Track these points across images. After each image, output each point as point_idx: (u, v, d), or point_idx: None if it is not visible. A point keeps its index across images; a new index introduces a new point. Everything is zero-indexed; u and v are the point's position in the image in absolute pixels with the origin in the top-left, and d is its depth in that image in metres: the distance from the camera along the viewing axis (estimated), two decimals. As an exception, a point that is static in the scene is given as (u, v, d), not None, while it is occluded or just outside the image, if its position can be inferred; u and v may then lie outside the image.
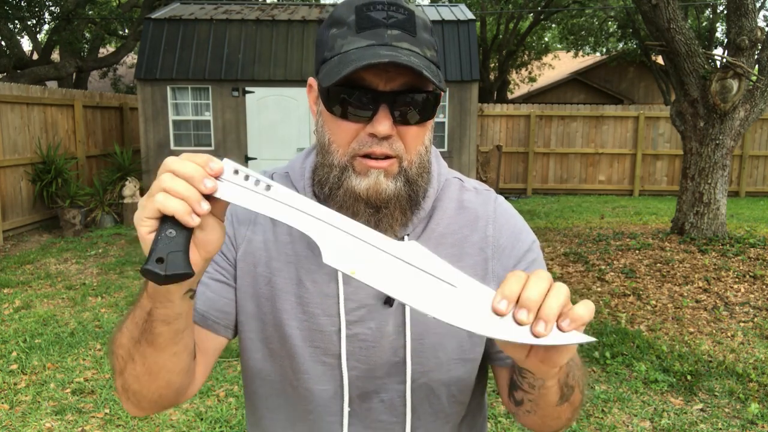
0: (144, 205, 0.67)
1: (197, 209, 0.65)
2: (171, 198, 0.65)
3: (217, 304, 0.94)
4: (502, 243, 0.96)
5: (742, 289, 5.24)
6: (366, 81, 0.82)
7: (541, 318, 0.64)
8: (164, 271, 0.64)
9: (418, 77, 0.82)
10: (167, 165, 0.67)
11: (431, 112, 0.87)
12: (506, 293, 0.65)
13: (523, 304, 0.64)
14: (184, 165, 0.66)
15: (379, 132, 0.82)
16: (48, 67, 13.66)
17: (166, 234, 0.65)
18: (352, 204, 0.85)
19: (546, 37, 24.42)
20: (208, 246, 0.71)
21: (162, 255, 0.64)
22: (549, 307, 0.64)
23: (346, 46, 0.83)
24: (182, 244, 0.66)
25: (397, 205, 0.86)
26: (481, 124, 12.91)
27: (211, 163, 0.67)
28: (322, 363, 0.93)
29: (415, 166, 0.87)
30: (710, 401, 3.55)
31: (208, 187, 0.66)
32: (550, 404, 0.85)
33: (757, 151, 13.14)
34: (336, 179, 0.86)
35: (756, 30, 6.21)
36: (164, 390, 0.85)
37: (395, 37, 0.82)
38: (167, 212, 0.65)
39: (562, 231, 8.18)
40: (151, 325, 0.76)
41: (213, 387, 3.68)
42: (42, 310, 5.10)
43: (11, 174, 8.02)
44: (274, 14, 10.25)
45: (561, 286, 0.66)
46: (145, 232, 0.66)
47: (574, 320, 0.65)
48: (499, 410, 3.37)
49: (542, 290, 0.65)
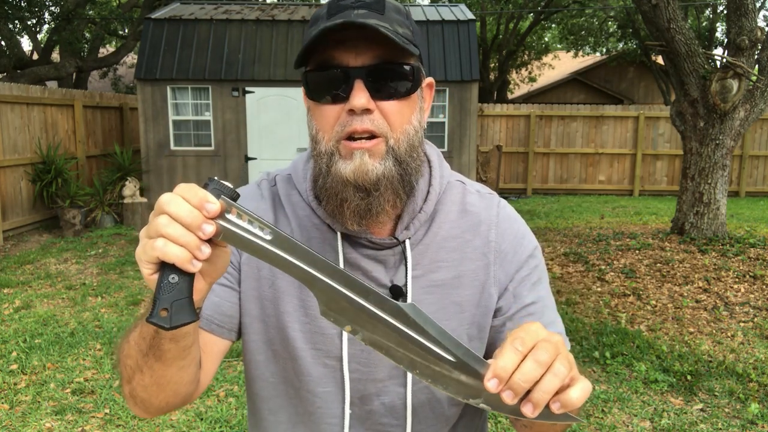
0: (144, 247, 0.66)
1: (198, 255, 0.65)
2: (170, 245, 0.64)
3: (222, 308, 0.94)
4: (504, 248, 0.96)
5: (742, 289, 5.24)
6: (336, 60, 0.82)
7: (530, 401, 0.62)
8: (169, 323, 0.65)
9: (390, 51, 0.82)
10: (162, 206, 0.65)
11: (411, 86, 0.86)
12: (498, 372, 0.62)
13: (511, 386, 0.62)
14: (180, 208, 0.64)
15: (356, 106, 0.81)
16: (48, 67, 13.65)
17: (169, 280, 0.65)
18: (342, 189, 0.84)
19: (546, 37, 24.41)
20: (213, 273, 0.72)
21: (166, 305, 0.65)
22: (541, 392, 0.62)
23: (314, 32, 0.83)
24: (186, 289, 0.66)
25: (389, 187, 0.85)
26: (481, 124, 12.91)
27: (208, 204, 0.65)
28: (324, 365, 0.93)
29: (403, 145, 0.86)
30: (710, 401, 3.55)
31: (207, 233, 0.65)
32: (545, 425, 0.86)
33: (757, 151, 13.14)
34: (325, 166, 0.86)
35: (756, 30, 6.20)
36: (172, 399, 0.86)
37: (360, 15, 0.82)
38: (168, 261, 0.64)
39: (562, 231, 8.18)
40: (159, 342, 0.76)
41: (213, 387, 3.68)
42: (42, 310, 5.10)
43: (11, 174, 8.02)
44: (274, 14, 10.25)
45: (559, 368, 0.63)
46: (147, 274, 0.67)
47: (566, 405, 0.63)
48: (500, 410, 3.37)
49: (536, 374, 0.62)
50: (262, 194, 0.99)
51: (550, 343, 0.64)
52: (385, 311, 0.67)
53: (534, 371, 0.62)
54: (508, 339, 0.65)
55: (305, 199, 0.95)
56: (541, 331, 0.65)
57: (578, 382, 0.65)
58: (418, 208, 0.93)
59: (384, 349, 0.67)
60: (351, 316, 0.67)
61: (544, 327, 0.67)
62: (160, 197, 0.66)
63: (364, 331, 0.67)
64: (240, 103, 9.49)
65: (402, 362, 0.67)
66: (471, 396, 0.66)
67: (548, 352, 0.63)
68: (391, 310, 0.67)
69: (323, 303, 0.67)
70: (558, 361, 0.63)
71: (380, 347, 0.67)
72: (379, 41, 0.81)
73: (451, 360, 0.66)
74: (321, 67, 0.84)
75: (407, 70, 0.85)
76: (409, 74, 0.85)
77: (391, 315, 0.67)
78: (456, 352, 0.67)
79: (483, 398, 0.66)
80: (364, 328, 0.67)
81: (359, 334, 0.67)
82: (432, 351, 0.66)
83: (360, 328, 0.67)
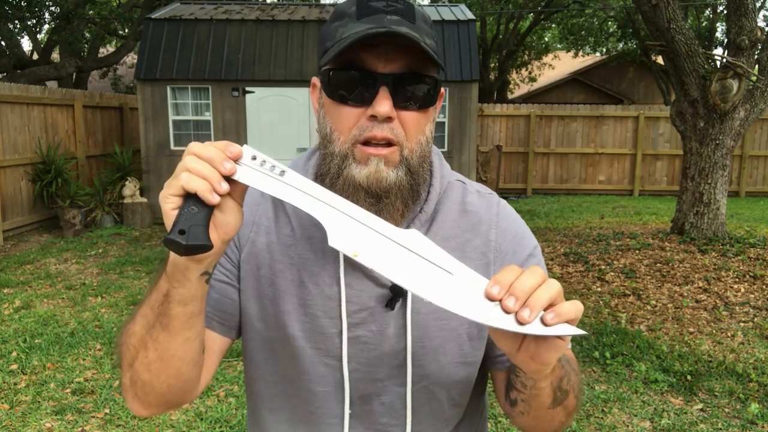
0: (169, 183, 0.71)
1: (217, 188, 0.70)
2: (194, 177, 0.69)
3: (222, 305, 0.95)
4: (504, 247, 0.97)
5: (742, 289, 5.25)
6: (365, 63, 0.83)
7: (527, 306, 0.66)
8: (186, 241, 0.68)
9: (417, 61, 0.83)
10: (191, 148, 0.72)
11: (432, 98, 0.87)
12: (500, 280, 0.68)
13: (512, 292, 0.67)
14: (205, 149, 0.71)
15: (380, 113, 0.82)
16: (48, 67, 13.65)
17: (189, 210, 0.70)
18: (353, 193, 0.85)
19: (546, 37, 24.41)
20: (227, 227, 0.74)
21: (184, 227, 0.68)
22: (536, 298, 0.67)
23: (346, 32, 0.83)
24: (203, 218, 0.70)
25: (399, 195, 0.86)
26: (481, 124, 12.91)
27: (231, 147, 0.72)
28: (324, 364, 0.93)
29: (416, 155, 0.87)
30: (710, 401, 3.55)
31: (227, 169, 0.70)
32: (542, 406, 0.85)
33: (757, 151, 13.14)
34: (336, 168, 0.86)
35: (756, 30, 6.21)
36: (173, 380, 0.85)
37: (394, 21, 0.82)
38: (190, 190, 0.69)
39: (562, 231, 8.18)
40: (167, 307, 0.78)
41: (213, 387, 3.68)
42: (42, 310, 5.10)
43: (11, 174, 8.02)
44: (274, 14, 10.25)
45: (553, 282, 0.68)
46: (169, 209, 0.70)
47: (559, 315, 0.67)
48: (500, 410, 3.37)
49: (534, 283, 0.67)
50: (263, 194, 0.99)
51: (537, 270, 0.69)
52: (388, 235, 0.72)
53: (531, 280, 0.67)
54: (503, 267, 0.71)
55: None
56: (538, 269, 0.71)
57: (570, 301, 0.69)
58: (419, 208, 0.94)
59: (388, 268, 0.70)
60: (358, 240, 0.71)
61: None
62: (190, 144, 0.72)
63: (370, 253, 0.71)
64: (240, 103, 9.49)
65: (406, 282, 0.70)
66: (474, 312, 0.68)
67: (538, 273, 0.68)
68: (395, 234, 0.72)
69: (332, 230, 0.72)
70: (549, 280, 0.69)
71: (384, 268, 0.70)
72: (410, 50, 0.82)
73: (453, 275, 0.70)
74: (346, 67, 0.84)
75: (430, 83, 0.86)
76: (432, 86, 0.86)
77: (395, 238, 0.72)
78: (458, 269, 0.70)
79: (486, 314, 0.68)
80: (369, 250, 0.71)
81: (365, 258, 0.71)
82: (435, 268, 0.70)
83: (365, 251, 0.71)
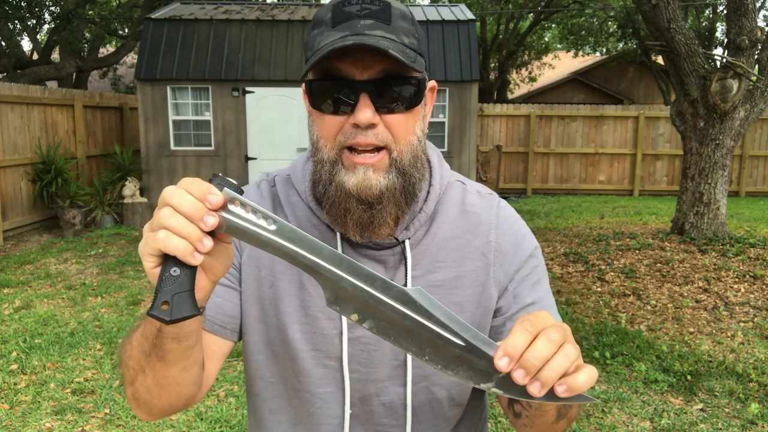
0: (146, 240, 0.65)
1: (199, 248, 0.63)
2: (173, 237, 0.63)
3: (224, 309, 0.94)
4: (504, 248, 0.96)
5: (742, 289, 5.24)
6: (342, 72, 0.82)
7: (538, 379, 0.62)
8: (170, 316, 0.64)
9: (395, 63, 0.82)
10: (165, 198, 0.64)
11: (416, 99, 0.86)
12: (509, 350, 0.62)
13: (522, 364, 0.62)
14: (183, 200, 0.63)
15: (361, 121, 0.81)
16: (48, 67, 13.65)
17: (170, 273, 0.64)
18: (344, 200, 0.85)
19: (546, 37, 24.40)
20: (216, 270, 0.70)
21: (167, 298, 0.64)
22: (550, 370, 0.62)
23: (322, 42, 0.83)
24: (187, 283, 0.65)
25: (391, 199, 0.85)
26: (481, 124, 12.91)
27: (211, 196, 0.63)
28: (324, 366, 0.93)
29: (407, 156, 0.86)
30: (710, 401, 3.55)
31: (209, 225, 0.63)
32: (546, 422, 0.85)
33: (757, 151, 13.13)
34: (327, 174, 0.86)
35: (756, 30, 6.21)
36: (174, 400, 0.86)
37: (368, 26, 0.82)
38: (169, 253, 0.63)
39: (562, 231, 8.18)
40: (161, 341, 0.75)
41: (213, 387, 3.68)
42: (42, 310, 5.10)
43: (11, 174, 8.02)
44: (274, 14, 10.25)
45: (569, 349, 0.63)
46: (149, 267, 0.66)
47: (572, 389, 0.63)
48: (500, 410, 3.37)
49: (548, 352, 0.62)
50: (262, 195, 0.99)
51: (560, 327, 0.64)
52: (391, 297, 0.66)
53: (546, 349, 0.62)
54: (517, 322, 0.64)
55: (304, 200, 0.95)
56: (549, 318, 0.66)
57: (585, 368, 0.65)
58: (418, 209, 0.93)
59: (391, 336, 0.66)
60: (357, 303, 0.66)
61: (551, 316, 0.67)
62: (164, 190, 0.65)
63: (371, 318, 0.66)
64: (240, 103, 9.49)
65: (410, 349, 0.66)
66: (482, 380, 0.65)
67: (558, 333, 0.63)
68: (398, 296, 0.66)
69: (329, 291, 0.67)
70: (568, 343, 0.63)
71: (387, 335, 0.66)
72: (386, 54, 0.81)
73: (460, 344, 0.66)
74: (325, 77, 0.83)
75: (413, 83, 0.85)
76: (415, 87, 0.85)
77: (398, 300, 0.66)
78: (464, 336, 0.66)
79: (494, 382, 0.65)
80: (370, 315, 0.66)
81: (366, 322, 0.66)
82: (440, 335, 0.66)
83: (367, 316, 0.66)
